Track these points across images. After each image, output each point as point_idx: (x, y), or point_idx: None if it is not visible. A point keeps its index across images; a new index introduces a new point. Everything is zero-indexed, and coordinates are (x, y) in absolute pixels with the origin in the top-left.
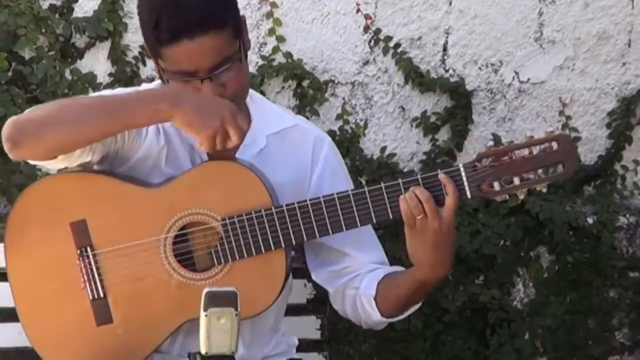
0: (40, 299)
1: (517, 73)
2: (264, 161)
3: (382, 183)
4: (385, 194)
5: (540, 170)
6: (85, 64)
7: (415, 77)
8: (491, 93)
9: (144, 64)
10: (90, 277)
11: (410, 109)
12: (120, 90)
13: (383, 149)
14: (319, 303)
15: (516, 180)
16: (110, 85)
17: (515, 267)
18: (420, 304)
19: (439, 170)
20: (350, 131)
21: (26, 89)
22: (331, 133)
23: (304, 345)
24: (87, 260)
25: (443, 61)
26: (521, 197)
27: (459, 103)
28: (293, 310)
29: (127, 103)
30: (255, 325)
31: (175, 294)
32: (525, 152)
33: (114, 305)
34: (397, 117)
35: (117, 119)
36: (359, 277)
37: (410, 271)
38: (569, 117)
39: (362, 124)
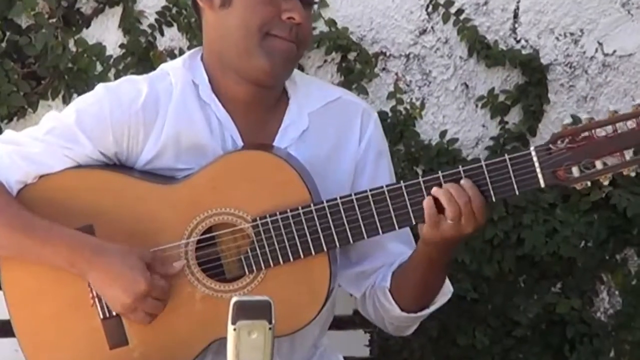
0: (42, 318)
1: (600, 44)
2: (309, 143)
3: (440, 172)
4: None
5: (627, 152)
6: (92, 34)
7: (481, 49)
8: (570, 67)
9: (162, 34)
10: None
11: (475, 87)
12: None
13: (443, 134)
14: None
15: (599, 164)
16: (122, 59)
17: (599, 273)
18: (447, 297)
19: (482, 162)
20: (404, 112)
21: (23, 62)
22: (382, 114)
23: None
24: None
25: (514, 30)
26: (605, 182)
27: (533, 79)
28: (337, 323)
29: (39, 247)
30: (295, 341)
31: (200, 309)
32: (609, 130)
33: (129, 325)
34: (460, 95)
35: (28, 258)
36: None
37: (417, 248)
38: None
39: (418, 103)
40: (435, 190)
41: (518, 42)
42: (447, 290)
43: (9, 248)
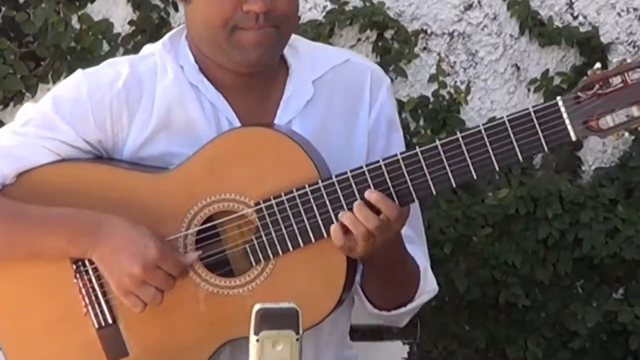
0: (31, 331)
1: None
2: (315, 114)
3: (458, 133)
4: (464, 147)
5: None
6: (98, 9)
7: (534, 26)
8: (633, 47)
9: (175, 9)
10: (93, 298)
11: (527, 68)
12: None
13: (491, 121)
14: (407, 324)
15: (636, 111)
16: (131, 37)
17: None
18: (430, 295)
19: (504, 117)
20: (447, 97)
21: (21, 41)
22: (423, 99)
23: None
24: (86, 277)
25: (570, 5)
26: None
27: (592, 60)
28: (373, 333)
29: (35, 231)
30: (319, 339)
31: (205, 310)
32: None
33: (128, 333)
34: (510, 78)
35: (19, 250)
36: None
37: None
38: None
39: (463, 87)
40: (341, 215)
41: (575, 18)
42: (429, 288)
43: None
